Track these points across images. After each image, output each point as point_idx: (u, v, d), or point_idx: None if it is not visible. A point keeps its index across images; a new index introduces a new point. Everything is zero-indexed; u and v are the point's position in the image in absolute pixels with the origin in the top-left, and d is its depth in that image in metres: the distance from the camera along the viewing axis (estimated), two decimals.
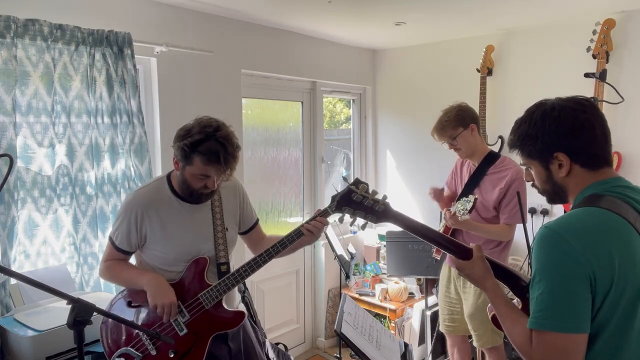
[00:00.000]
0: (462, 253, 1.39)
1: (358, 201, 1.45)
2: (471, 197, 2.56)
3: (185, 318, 1.82)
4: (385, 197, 1.46)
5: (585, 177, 1.20)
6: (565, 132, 1.17)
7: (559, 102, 1.22)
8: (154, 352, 1.80)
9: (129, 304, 1.88)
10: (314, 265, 4.06)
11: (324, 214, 1.86)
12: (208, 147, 1.70)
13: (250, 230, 2.11)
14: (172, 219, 1.86)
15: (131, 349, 1.81)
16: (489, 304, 1.35)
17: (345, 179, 2.04)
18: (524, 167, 1.32)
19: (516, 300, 1.34)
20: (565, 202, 1.27)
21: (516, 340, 1.17)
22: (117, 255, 1.90)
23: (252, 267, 1.85)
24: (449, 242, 1.43)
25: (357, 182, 1.93)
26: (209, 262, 1.87)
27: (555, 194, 1.27)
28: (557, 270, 1.07)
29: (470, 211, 2.54)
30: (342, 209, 1.47)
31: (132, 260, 1.99)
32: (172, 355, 1.80)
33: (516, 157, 1.35)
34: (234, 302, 2.02)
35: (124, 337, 1.85)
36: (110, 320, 1.89)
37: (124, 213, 1.85)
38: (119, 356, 1.81)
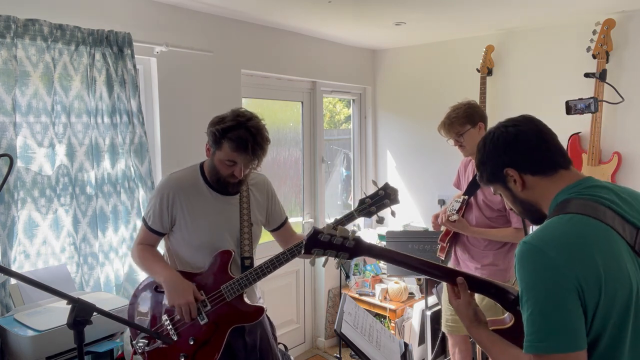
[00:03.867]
0: (450, 277, 1.37)
1: (326, 241, 1.39)
2: (461, 198, 2.58)
3: (207, 308, 1.86)
4: (354, 232, 1.41)
5: (545, 184, 1.21)
6: (503, 149, 1.24)
7: (496, 125, 1.30)
8: (175, 338, 1.86)
9: (156, 289, 1.93)
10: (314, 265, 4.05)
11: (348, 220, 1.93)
12: (238, 134, 1.78)
13: (280, 228, 2.16)
14: (201, 206, 1.91)
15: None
16: (489, 319, 1.34)
17: (374, 182, 2.03)
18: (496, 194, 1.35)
19: (507, 315, 1.31)
20: (544, 219, 1.24)
21: None
22: (150, 236, 1.95)
23: (274, 264, 1.90)
24: (434, 268, 1.38)
25: (386, 186, 1.95)
26: (233, 255, 1.91)
27: (529, 212, 1.29)
28: (543, 286, 1.03)
29: (458, 211, 2.55)
30: (312, 251, 1.41)
31: (161, 244, 2.04)
32: (192, 343, 1.85)
33: None
34: (254, 296, 2.05)
35: (148, 320, 1.91)
36: (136, 302, 1.96)
37: (157, 194, 1.92)
38: (143, 338, 1.86)
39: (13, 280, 2.17)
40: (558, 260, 1.03)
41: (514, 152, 1.23)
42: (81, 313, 1.35)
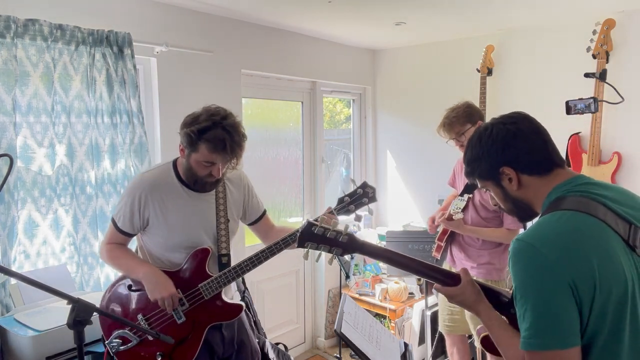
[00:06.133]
0: (447, 279, 1.34)
1: (320, 234, 1.37)
2: (465, 197, 2.59)
3: (184, 307, 1.84)
4: (347, 226, 1.40)
5: (540, 184, 1.19)
6: (501, 147, 1.21)
7: (492, 121, 1.28)
8: (151, 337, 1.82)
9: (129, 288, 1.89)
10: (314, 265, 4.06)
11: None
12: (214, 134, 1.73)
13: (258, 221, 2.12)
14: (175, 205, 1.87)
15: (128, 331, 1.83)
16: (479, 326, 1.33)
17: (353, 181, 2.03)
18: (485, 191, 1.32)
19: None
20: (534, 216, 1.25)
21: None
22: (119, 237, 1.91)
23: (253, 262, 1.87)
24: (431, 269, 1.36)
25: (364, 185, 1.94)
26: (210, 252, 1.89)
27: (520, 210, 1.26)
28: (536, 284, 1.03)
29: (463, 210, 2.57)
30: (305, 244, 1.38)
31: (134, 242, 2.00)
32: None
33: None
34: (229, 292, 2.03)
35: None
36: (108, 302, 1.91)
37: (128, 195, 1.86)
38: (117, 338, 1.82)
39: (13, 280, 2.17)
40: (551, 258, 1.03)
41: (513, 151, 1.20)
42: (81, 313, 1.35)
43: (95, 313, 1.39)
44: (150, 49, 2.74)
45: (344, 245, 1.37)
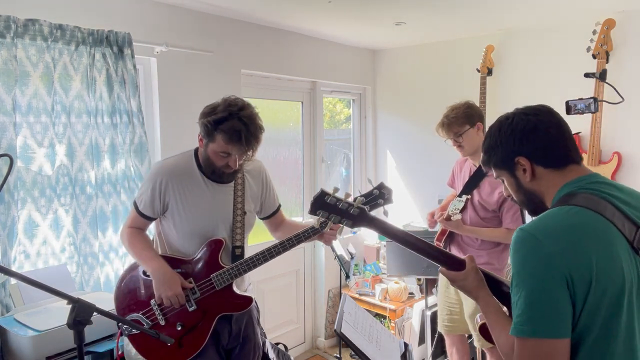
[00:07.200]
0: (453, 264, 1.36)
1: (332, 204, 1.39)
2: (463, 198, 2.59)
3: (195, 295, 1.87)
4: (361, 200, 1.41)
5: (553, 177, 1.20)
6: (520, 136, 1.21)
7: (514, 111, 1.28)
8: (162, 323, 1.87)
9: (144, 273, 1.93)
10: (314, 265, 4.06)
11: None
12: (231, 125, 1.75)
13: (271, 216, 2.14)
14: (194, 193, 1.90)
15: (141, 315, 1.87)
16: (478, 314, 1.34)
17: (369, 181, 2.03)
18: (499, 180, 1.33)
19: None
20: (544, 210, 1.25)
21: (503, 349, 1.15)
22: (139, 220, 1.95)
23: (265, 257, 1.88)
24: (437, 251, 1.37)
25: (380, 186, 1.93)
26: (224, 243, 1.91)
27: (531, 202, 1.27)
28: (533, 273, 1.05)
29: (461, 211, 2.56)
30: (317, 212, 1.40)
31: (152, 228, 2.04)
32: (179, 328, 1.86)
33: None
34: (243, 285, 2.05)
35: (135, 303, 1.91)
36: (124, 284, 1.95)
37: (150, 180, 1.90)
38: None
39: (13, 280, 2.17)
40: (551, 250, 1.04)
41: (530, 143, 1.20)
42: (81, 313, 1.35)
43: (95, 313, 1.39)
44: (150, 49, 2.74)
45: (354, 217, 1.39)
